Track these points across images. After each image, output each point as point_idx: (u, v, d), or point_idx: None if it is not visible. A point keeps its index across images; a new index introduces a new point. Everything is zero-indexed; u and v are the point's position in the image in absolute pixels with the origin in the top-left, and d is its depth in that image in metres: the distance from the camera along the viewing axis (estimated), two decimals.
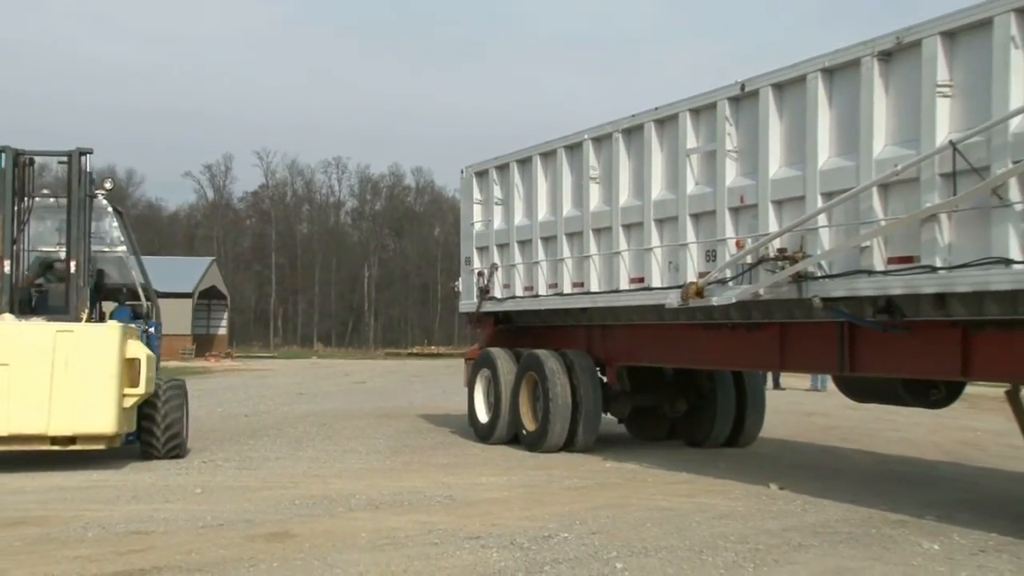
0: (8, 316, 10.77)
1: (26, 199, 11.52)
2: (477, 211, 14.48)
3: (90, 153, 11.54)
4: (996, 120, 7.27)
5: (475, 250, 14.47)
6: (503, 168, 13.84)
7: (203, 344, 59.85)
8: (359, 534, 7.40)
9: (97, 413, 10.13)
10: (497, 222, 13.99)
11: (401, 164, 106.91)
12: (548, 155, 12.84)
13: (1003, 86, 7.26)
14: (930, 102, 7.83)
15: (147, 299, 12.59)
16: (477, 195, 14.49)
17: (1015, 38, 7.21)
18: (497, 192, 13.99)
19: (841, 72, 8.77)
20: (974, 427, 15.44)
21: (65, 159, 11.50)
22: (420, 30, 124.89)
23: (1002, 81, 7.28)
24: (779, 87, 9.37)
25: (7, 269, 11.10)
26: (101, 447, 10.38)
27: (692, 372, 12.89)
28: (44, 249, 12.37)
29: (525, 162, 13.31)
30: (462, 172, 14.98)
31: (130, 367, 10.44)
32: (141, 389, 10.52)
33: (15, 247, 11.37)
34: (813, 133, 8.93)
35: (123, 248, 12.84)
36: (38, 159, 11.98)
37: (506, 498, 9.16)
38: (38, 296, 12.03)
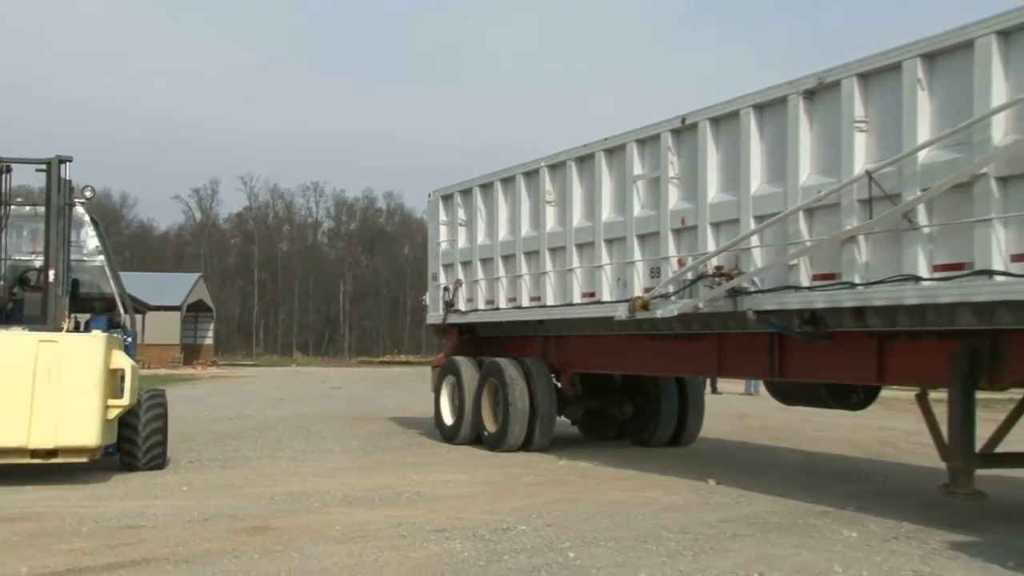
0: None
1: (2, 207, 10.36)
2: (443, 232, 14.42)
3: (69, 161, 10.25)
4: (906, 152, 7.37)
5: (441, 267, 14.42)
6: (467, 192, 13.82)
7: (190, 353, 59.47)
8: (334, 527, 7.36)
9: (80, 425, 9.01)
10: (461, 242, 13.94)
11: (374, 188, 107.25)
12: (508, 181, 12.84)
13: (911, 122, 7.37)
14: (848, 136, 7.91)
15: (124, 310, 11.40)
16: (443, 217, 14.45)
17: (921, 80, 7.32)
18: (461, 214, 13.95)
19: (770, 108, 8.82)
20: (888, 427, 15.58)
21: (44, 167, 10.22)
22: (393, 68, 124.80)
23: (911, 118, 7.38)
24: (716, 121, 9.42)
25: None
26: (83, 459, 9.29)
27: (638, 378, 12.90)
28: (17, 258, 11.11)
29: (487, 187, 13.31)
30: (429, 196, 14.96)
31: (114, 378, 9.38)
32: (125, 400, 9.42)
33: None
34: (746, 162, 8.98)
35: (101, 258, 11.59)
36: (16, 167, 10.53)
37: (469, 494, 9.14)
38: (12, 305, 10.70)
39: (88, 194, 10.78)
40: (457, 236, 14.04)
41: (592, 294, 11.13)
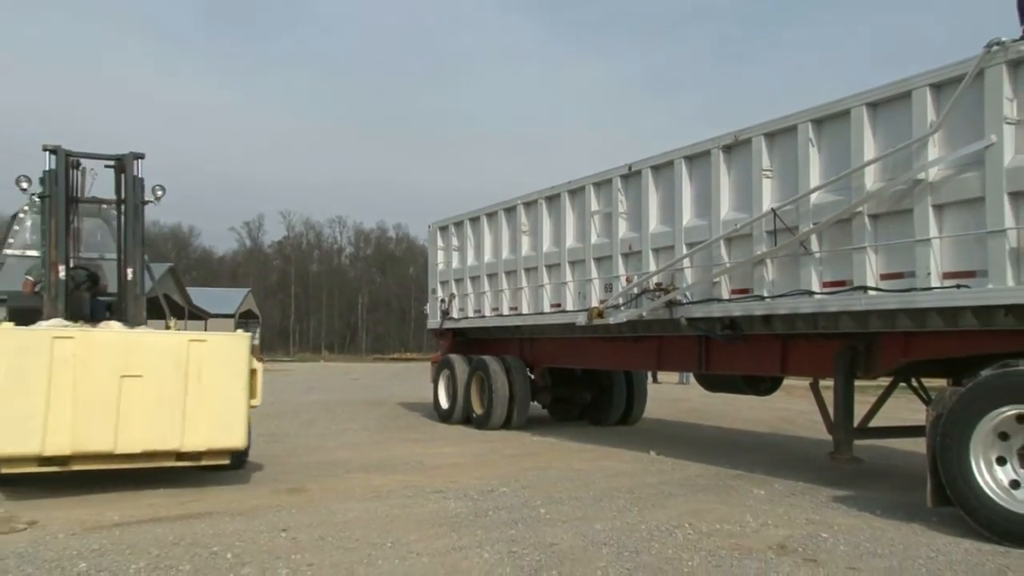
0: (115, 324, 7.61)
1: (73, 203, 8.28)
2: (440, 255, 14.39)
3: (142, 158, 8.30)
4: (802, 194, 7.44)
5: (439, 283, 14.39)
6: (459, 224, 13.83)
7: None
8: (354, 489, 7.38)
9: (230, 427, 7.19)
10: (455, 263, 13.94)
11: (386, 221, 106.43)
12: (492, 215, 12.87)
13: (805, 171, 7.44)
14: (758, 181, 7.97)
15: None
16: (440, 243, 14.43)
17: (812, 139, 7.40)
18: (455, 241, 13.95)
19: (698, 158, 8.86)
20: (789, 408, 15.63)
21: (113, 163, 8.35)
22: (401, 127, 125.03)
23: (805, 168, 7.45)
24: (655, 168, 9.45)
25: (62, 275, 7.92)
26: (224, 462, 7.48)
27: (595, 371, 12.93)
28: (84, 256, 9.06)
29: (475, 220, 13.32)
30: (429, 227, 14.93)
31: (253, 378, 7.54)
32: (257, 400, 7.63)
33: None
34: (679, 201, 9.01)
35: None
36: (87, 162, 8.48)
37: (461, 463, 9.14)
38: (93, 304, 8.76)
39: (159, 193, 8.59)
40: (451, 259, 14.04)
41: (559, 305, 11.15)
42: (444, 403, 13.60)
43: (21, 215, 9.27)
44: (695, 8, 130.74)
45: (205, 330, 10.22)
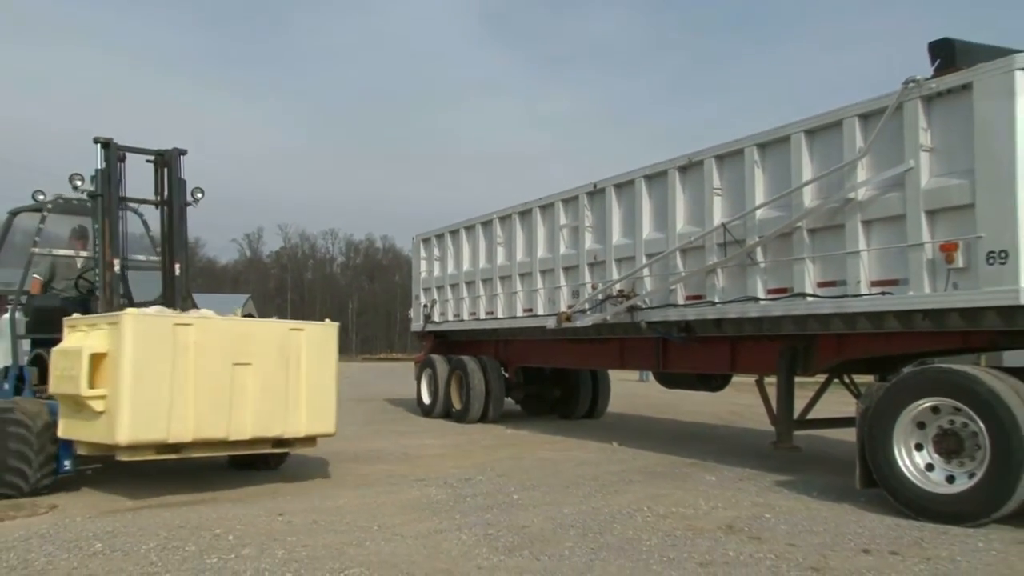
0: (206, 311, 6.73)
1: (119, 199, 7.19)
2: (423, 265, 14.37)
3: (184, 154, 7.34)
4: (748, 211, 7.55)
5: (422, 290, 14.37)
6: (440, 236, 13.83)
7: None
8: (345, 478, 7.38)
9: (325, 413, 6.81)
10: (436, 272, 13.93)
11: (374, 233, 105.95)
12: (470, 228, 12.89)
13: (751, 190, 7.56)
14: (709, 198, 8.06)
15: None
16: (423, 254, 14.41)
17: (757, 161, 7.53)
18: (436, 252, 13.94)
19: (656, 178, 8.93)
20: (737, 402, 15.69)
21: (153, 158, 7.34)
22: (389, 147, 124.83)
23: (751, 187, 7.57)
24: (618, 186, 9.51)
25: (117, 269, 7.06)
26: (312, 448, 7.08)
27: (564, 370, 12.96)
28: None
29: (455, 232, 13.33)
30: (413, 239, 14.92)
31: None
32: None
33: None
34: (639, 216, 9.08)
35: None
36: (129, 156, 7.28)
37: (441, 454, 9.13)
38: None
39: (199, 196, 7.56)
40: (433, 268, 14.02)
41: (530, 310, 11.19)
42: (426, 399, 13.57)
43: (30, 213, 7.84)
44: (654, 44, 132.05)
45: None
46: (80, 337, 6.10)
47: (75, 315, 6.64)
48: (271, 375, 6.49)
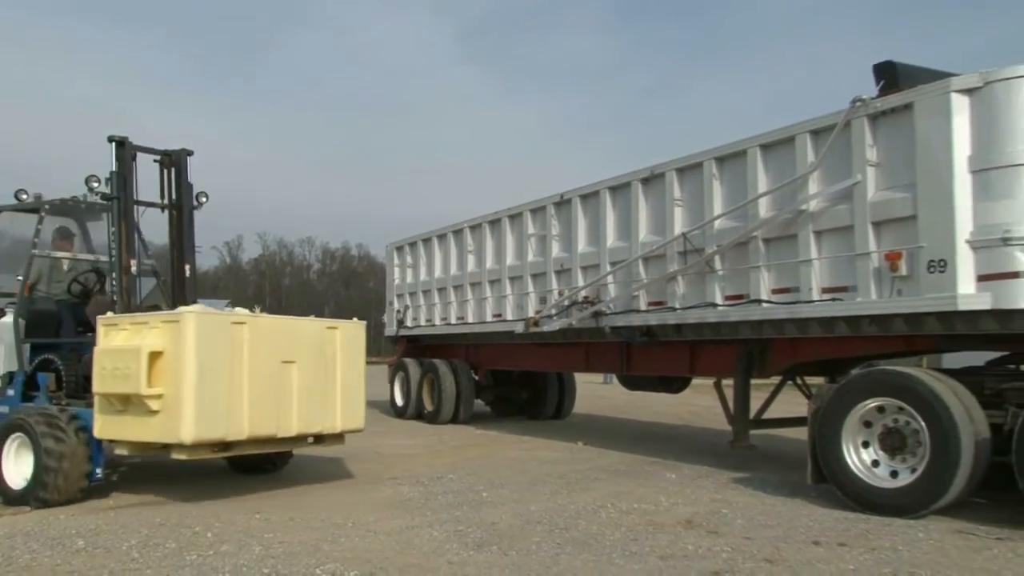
0: (241, 310, 6.47)
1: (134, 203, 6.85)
2: (396, 272, 14.31)
3: (191, 154, 7.09)
4: (707, 221, 7.64)
5: (395, 296, 14.30)
6: (413, 244, 13.78)
7: None
8: (321, 477, 7.34)
9: (356, 409, 6.79)
10: (409, 278, 13.88)
11: (349, 240, 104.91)
12: (442, 236, 12.86)
13: (710, 201, 7.66)
14: (670, 209, 8.13)
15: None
16: (396, 261, 14.35)
17: (715, 174, 7.63)
18: (409, 259, 13.89)
19: (620, 189, 8.96)
20: (697, 403, 15.77)
21: (158, 158, 7.04)
22: (365, 158, 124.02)
23: (709, 198, 7.67)
24: (584, 197, 9.54)
25: (135, 270, 6.79)
26: (341, 444, 6.94)
27: (531, 372, 12.98)
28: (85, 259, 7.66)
29: (428, 240, 13.29)
30: (387, 247, 14.85)
31: None
32: None
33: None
34: (604, 225, 9.11)
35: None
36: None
37: (414, 453, 9.10)
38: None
39: (203, 200, 7.30)
40: (406, 275, 13.97)
41: (500, 315, 11.19)
42: (399, 401, 13.52)
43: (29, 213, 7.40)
44: (619, 62, 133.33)
45: None
46: (129, 336, 5.79)
47: (109, 314, 6.20)
48: (312, 372, 6.40)
